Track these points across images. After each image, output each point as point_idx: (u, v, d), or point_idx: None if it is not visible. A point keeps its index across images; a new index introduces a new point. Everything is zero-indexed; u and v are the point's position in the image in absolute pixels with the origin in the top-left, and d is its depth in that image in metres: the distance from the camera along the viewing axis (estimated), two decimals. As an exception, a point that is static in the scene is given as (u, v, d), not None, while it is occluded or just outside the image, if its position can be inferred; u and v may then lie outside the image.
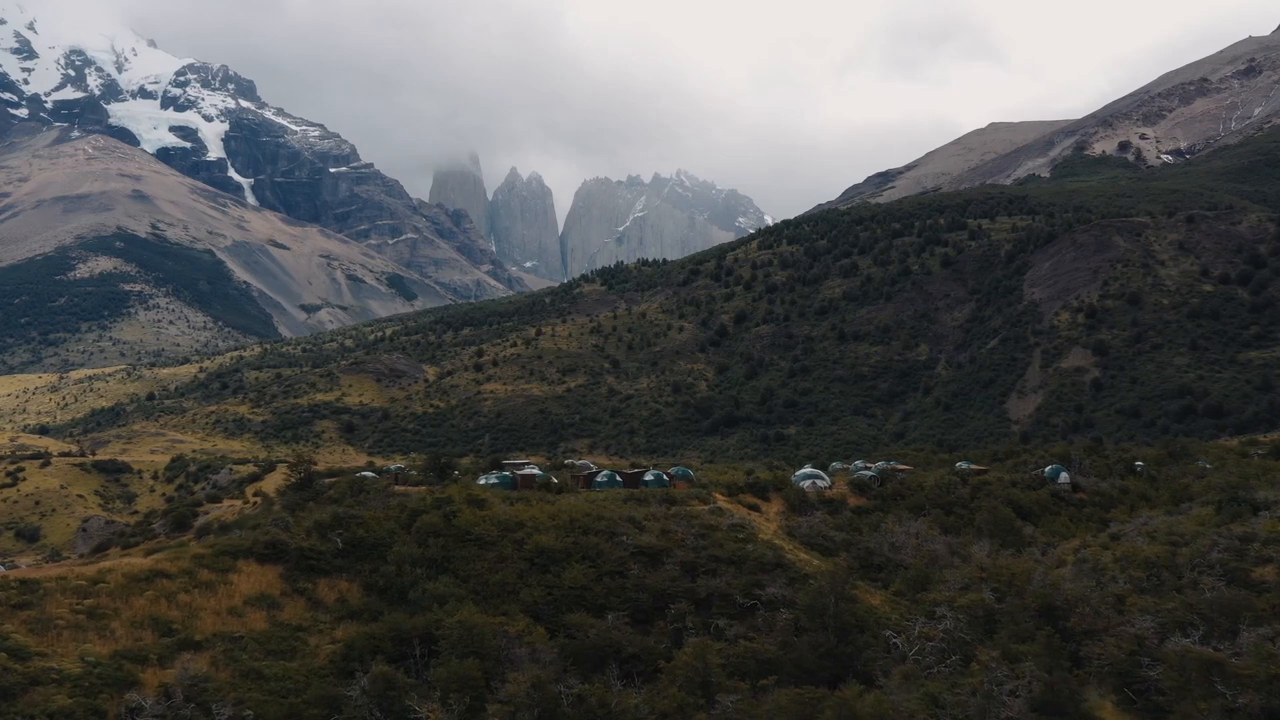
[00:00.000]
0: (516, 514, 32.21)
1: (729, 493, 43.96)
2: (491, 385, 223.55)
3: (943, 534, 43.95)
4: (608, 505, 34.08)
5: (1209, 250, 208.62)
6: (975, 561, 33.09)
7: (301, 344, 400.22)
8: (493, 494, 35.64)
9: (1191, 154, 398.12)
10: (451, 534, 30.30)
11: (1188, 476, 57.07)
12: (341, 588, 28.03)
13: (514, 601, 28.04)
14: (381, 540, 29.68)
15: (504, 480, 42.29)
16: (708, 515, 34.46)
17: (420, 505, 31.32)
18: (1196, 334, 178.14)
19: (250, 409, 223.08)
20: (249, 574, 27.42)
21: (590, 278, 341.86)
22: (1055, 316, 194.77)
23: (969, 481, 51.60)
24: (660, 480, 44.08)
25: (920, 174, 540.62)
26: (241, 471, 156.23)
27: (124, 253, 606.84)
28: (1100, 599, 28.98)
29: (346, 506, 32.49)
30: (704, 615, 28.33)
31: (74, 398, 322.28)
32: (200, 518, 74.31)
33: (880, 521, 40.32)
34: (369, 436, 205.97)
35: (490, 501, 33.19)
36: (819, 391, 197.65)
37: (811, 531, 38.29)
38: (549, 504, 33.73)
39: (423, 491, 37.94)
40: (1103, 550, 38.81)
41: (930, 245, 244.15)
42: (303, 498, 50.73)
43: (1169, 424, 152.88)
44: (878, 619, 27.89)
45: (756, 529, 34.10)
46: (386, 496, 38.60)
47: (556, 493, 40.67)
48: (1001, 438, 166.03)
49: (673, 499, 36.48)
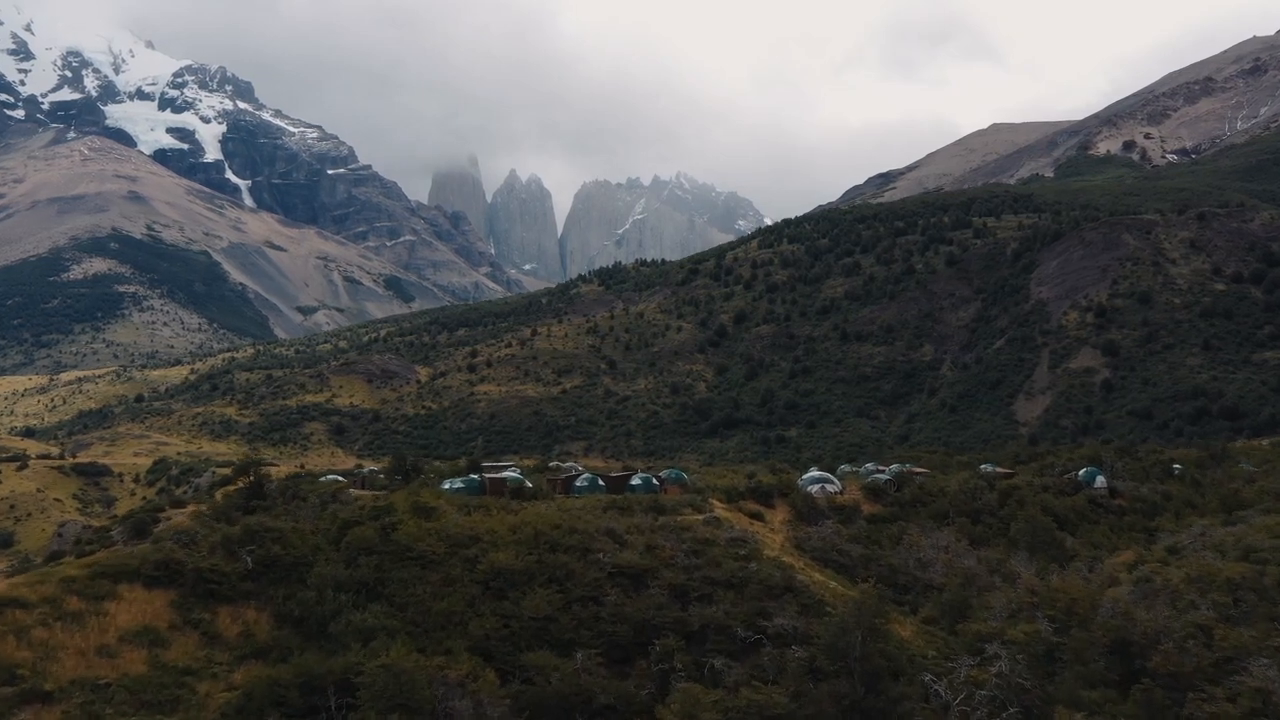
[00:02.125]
0: (471, 526, 26.70)
1: (728, 499, 38.60)
2: (485, 386, 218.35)
3: (971, 546, 38.50)
4: (584, 515, 28.63)
5: (1221, 248, 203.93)
6: (1024, 583, 27.64)
7: (295, 345, 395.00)
8: (449, 501, 30.20)
9: (1197, 153, 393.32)
10: (389, 551, 24.88)
11: (1235, 481, 51.72)
12: (248, 618, 22.65)
13: (460, 636, 22.62)
14: (302, 558, 24.26)
15: (471, 484, 36.85)
16: (702, 527, 28.99)
17: (353, 515, 25.89)
18: (1209, 334, 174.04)
19: (238, 411, 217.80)
20: (131, 602, 22.04)
21: (588, 278, 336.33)
22: (1063, 316, 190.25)
23: (996, 486, 46.17)
24: (649, 485, 38.48)
25: (921, 174, 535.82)
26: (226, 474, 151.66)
27: (119, 254, 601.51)
28: (1184, 631, 23.53)
29: (273, 515, 27.03)
30: (696, 653, 22.93)
31: (62, 399, 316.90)
32: (162, 524, 69.09)
33: (902, 533, 34.84)
34: (359, 439, 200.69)
35: (442, 510, 27.74)
36: (821, 393, 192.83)
37: (824, 545, 32.89)
38: (512, 514, 28.24)
39: (367, 497, 32.58)
40: (1163, 566, 33.40)
41: (934, 244, 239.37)
42: (249, 506, 45.32)
43: (1182, 426, 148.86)
44: (911, 657, 22.47)
45: (760, 543, 28.69)
46: (335, 503, 33.12)
47: (530, 498, 35.22)
48: (1009, 440, 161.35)
49: (662, 507, 31.02)
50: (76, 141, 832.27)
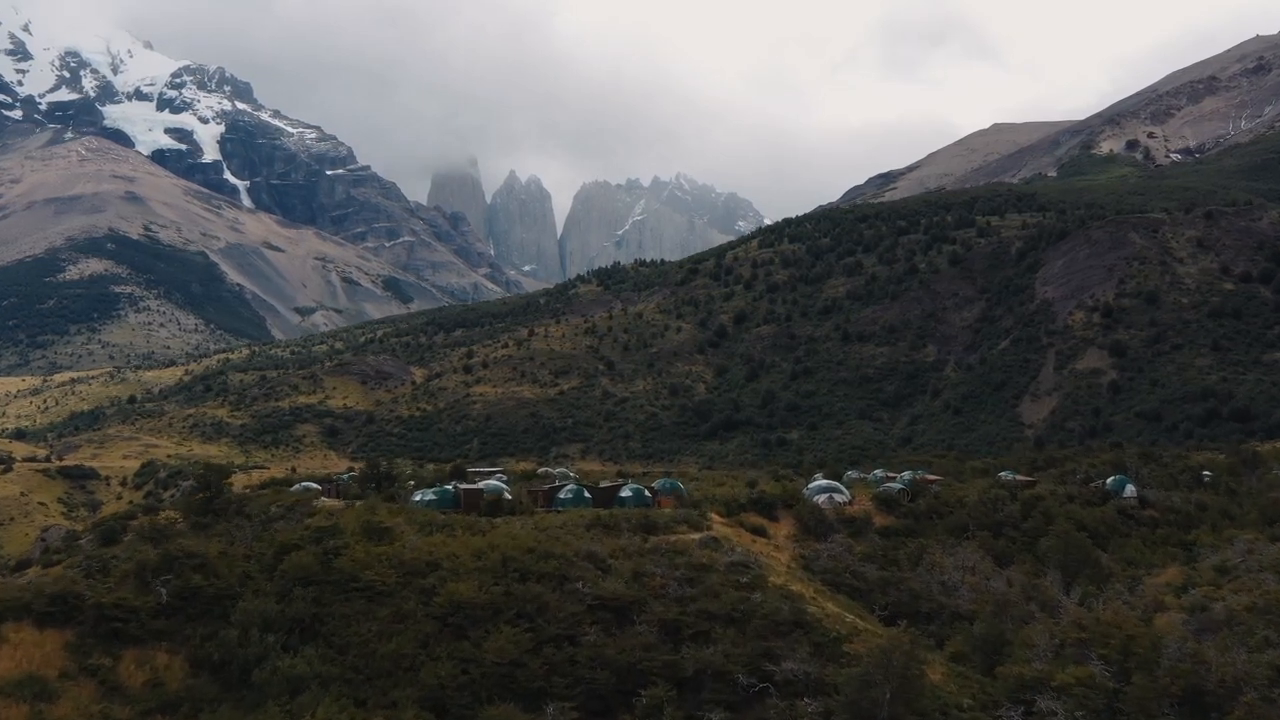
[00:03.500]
0: (431, 550, 23.02)
1: (728, 512, 35.03)
2: (481, 388, 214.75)
3: (994, 562, 34.91)
4: (563, 535, 25.02)
5: (1229, 247, 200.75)
6: (1069, 615, 23.99)
7: (290, 346, 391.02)
8: (412, 518, 26.53)
9: (1201, 153, 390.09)
10: (330, 581, 21.29)
11: (1275, 490, 48.15)
12: (158, 663, 19.07)
13: (410, 685, 19.01)
14: (228, 590, 20.66)
15: (443, 496, 33.14)
16: (699, 549, 25.35)
17: (292, 538, 22.23)
18: (1218, 334, 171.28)
19: (229, 412, 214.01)
20: (17, 645, 18.46)
21: (586, 278, 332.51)
22: (1069, 316, 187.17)
23: (1018, 496, 42.59)
24: (640, 497, 34.71)
25: (923, 175, 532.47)
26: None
27: (115, 254, 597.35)
28: (1266, 675, 19.95)
29: (202, 537, 23.39)
30: (690, 705, 19.33)
31: (55, 401, 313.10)
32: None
33: (922, 551, 31.22)
34: (352, 441, 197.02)
35: (398, 531, 24.12)
36: (822, 394, 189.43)
37: (835, 565, 29.31)
38: (481, 534, 24.57)
39: (330, 508, 28.90)
40: (1216, 590, 29.76)
41: (937, 243, 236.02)
42: (208, 516, 41.77)
43: (1192, 428, 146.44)
44: (945, 708, 18.88)
45: (765, 567, 25.09)
46: (286, 518, 29.48)
47: (509, 512, 31.57)
48: (1015, 443, 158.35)
49: (653, 524, 27.39)
50: (74, 142, 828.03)
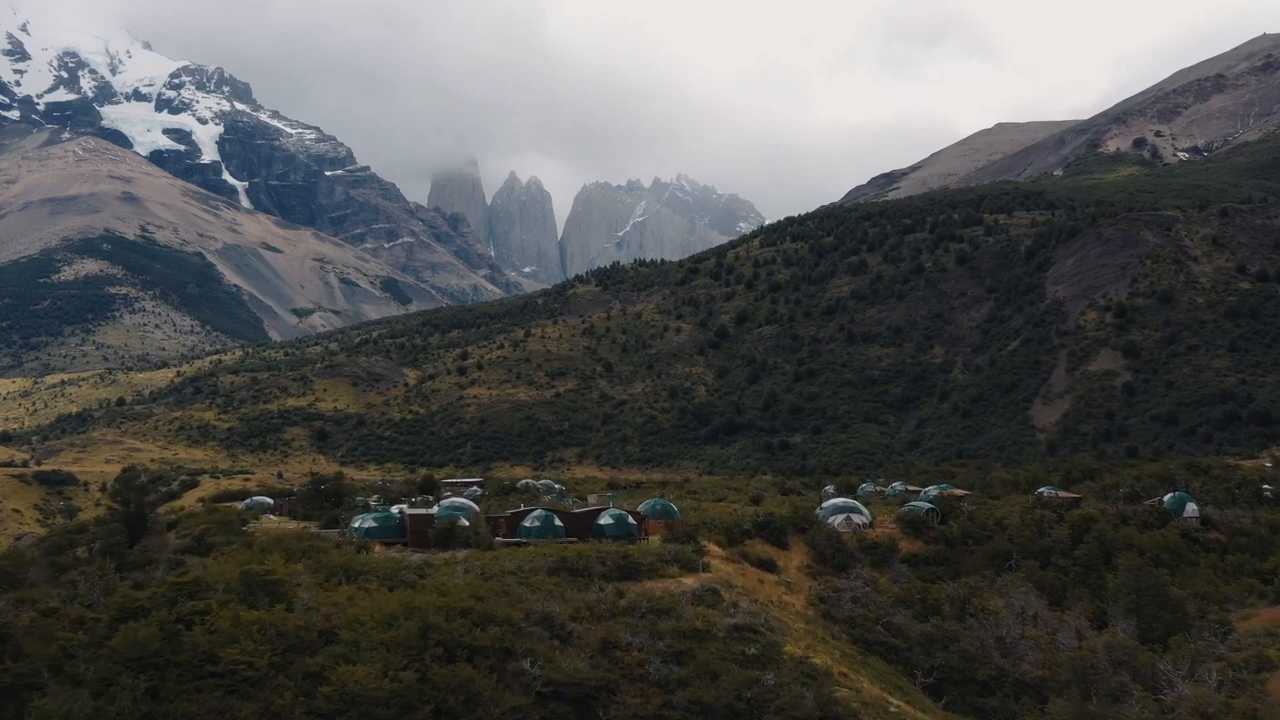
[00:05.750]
0: (329, 614, 16.93)
1: (729, 539, 29.13)
2: (475, 390, 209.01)
3: (1050, 604, 29.15)
4: (515, 587, 18.95)
5: (1245, 246, 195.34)
6: (1188, 702, 18.04)
7: (285, 347, 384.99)
8: (318, 564, 20.55)
9: (1209, 151, 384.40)
10: (177, 664, 15.47)
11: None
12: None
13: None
14: (29, 678, 14.87)
15: (385, 523, 27.01)
16: (691, 607, 19.24)
17: (134, 600, 16.24)
18: (1236, 334, 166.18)
19: (216, 415, 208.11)
20: None
21: (585, 278, 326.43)
22: (1081, 316, 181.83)
23: (1066, 518, 36.66)
24: (623, 525, 28.20)
25: (926, 174, 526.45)
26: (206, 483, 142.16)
27: (111, 255, 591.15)
28: None
29: (33, 590, 17.56)
30: None
31: (44, 403, 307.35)
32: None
33: (970, 595, 25.27)
34: (342, 444, 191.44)
35: (291, 586, 18.12)
36: (826, 396, 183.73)
37: (863, 614, 23.44)
38: (406, 586, 18.43)
39: (266, 530, 23.04)
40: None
41: (944, 241, 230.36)
42: (128, 539, 36.11)
43: (1211, 432, 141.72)
44: None
45: (779, 628, 19.13)
46: (181, 563, 23.66)
47: (464, 544, 25.66)
48: (1026, 447, 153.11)
49: (635, 567, 21.35)
50: (71, 142, 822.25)
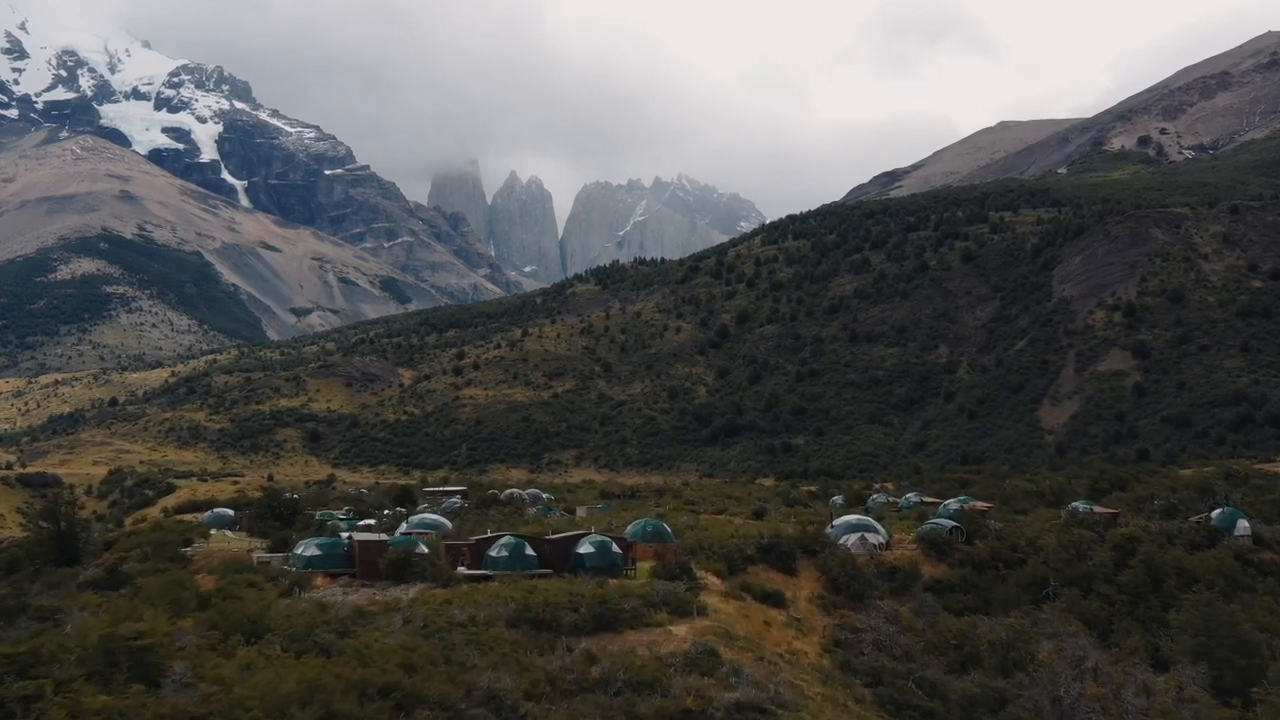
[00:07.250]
0: (207, 697, 12.48)
1: (729, 569, 25.41)
2: (471, 390, 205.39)
3: (1092, 635, 25.45)
4: (461, 646, 15.02)
5: (1256, 243, 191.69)
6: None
7: (280, 347, 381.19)
8: (222, 614, 16.80)
9: (1215, 149, 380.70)
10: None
11: None
12: None
13: None
14: None
15: (331, 550, 23.01)
16: (682, 675, 15.16)
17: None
18: (1248, 334, 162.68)
19: (207, 416, 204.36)
20: None
21: (584, 277, 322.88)
22: (1089, 315, 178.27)
23: (1107, 538, 32.89)
24: (605, 554, 23.73)
25: (928, 173, 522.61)
26: (194, 487, 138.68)
27: (108, 254, 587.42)
28: None
29: None
30: None
31: (37, 403, 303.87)
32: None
33: (1015, 640, 21.50)
34: (335, 446, 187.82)
35: (177, 646, 14.23)
36: (829, 397, 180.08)
37: (888, 666, 19.66)
38: (319, 650, 14.56)
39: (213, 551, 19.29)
40: None
41: (949, 239, 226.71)
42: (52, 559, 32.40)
43: (1224, 434, 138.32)
44: None
45: (792, 703, 15.34)
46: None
47: (419, 576, 21.95)
48: (1034, 449, 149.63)
49: (613, 616, 17.46)
50: (69, 141, 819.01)
